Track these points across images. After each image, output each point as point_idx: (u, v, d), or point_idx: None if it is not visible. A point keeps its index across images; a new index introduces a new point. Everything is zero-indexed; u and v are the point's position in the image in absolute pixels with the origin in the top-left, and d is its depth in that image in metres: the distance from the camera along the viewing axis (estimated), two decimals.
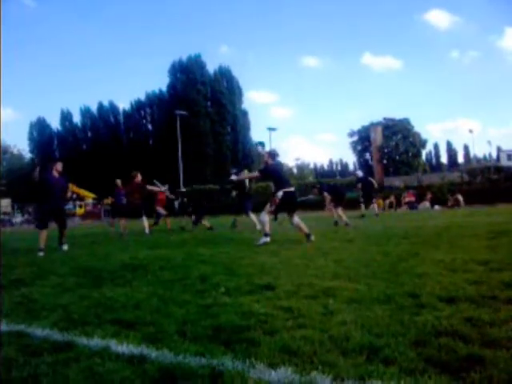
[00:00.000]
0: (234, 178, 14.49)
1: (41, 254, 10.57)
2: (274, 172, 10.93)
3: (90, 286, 5.95)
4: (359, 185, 21.69)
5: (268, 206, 10.83)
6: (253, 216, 16.45)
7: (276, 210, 11.10)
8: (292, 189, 10.82)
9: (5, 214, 63.04)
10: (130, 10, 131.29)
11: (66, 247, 11.45)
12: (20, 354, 3.35)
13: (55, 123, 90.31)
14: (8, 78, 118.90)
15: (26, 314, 4.56)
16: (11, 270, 8.11)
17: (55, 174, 11.56)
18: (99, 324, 4.00)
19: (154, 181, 19.85)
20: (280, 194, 10.44)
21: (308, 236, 10.12)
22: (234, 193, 18.22)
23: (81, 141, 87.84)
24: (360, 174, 22.92)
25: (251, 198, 17.77)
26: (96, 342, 3.49)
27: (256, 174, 12.46)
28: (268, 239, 10.28)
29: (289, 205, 10.67)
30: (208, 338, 3.47)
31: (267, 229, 10.50)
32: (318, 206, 29.45)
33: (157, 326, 3.82)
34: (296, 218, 10.51)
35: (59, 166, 11.70)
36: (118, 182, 19.38)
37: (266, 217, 10.73)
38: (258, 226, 15.90)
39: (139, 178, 17.09)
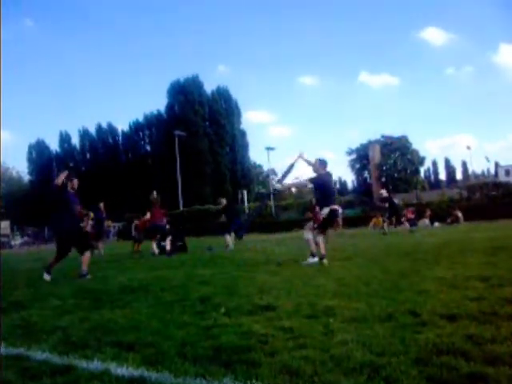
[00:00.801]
0: (278, 186, 14.23)
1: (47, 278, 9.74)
2: (324, 184, 9.98)
3: (90, 308, 5.92)
4: (386, 204, 21.86)
5: (310, 223, 10.08)
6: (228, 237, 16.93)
7: (321, 228, 9.85)
8: (337, 207, 10.00)
9: (4, 236, 62.98)
10: (128, 31, 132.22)
11: (89, 276, 9.78)
12: (19, 377, 3.32)
13: (54, 145, 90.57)
14: (6, 100, 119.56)
15: (25, 336, 4.53)
16: (10, 292, 8.08)
17: (70, 191, 10.30)
18: (99, 347, 3.97)
19: None
20: (326, 211, 9.63)
21: (322, 257, 9.35)
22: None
23: (79, 162, 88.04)
24: (384, 193, 23.10)
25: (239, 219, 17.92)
26: (96, 364, 3.46)
27: (304, 182, 10.61)
28: (316, 259, 9.52)
29: (330, 223, 10.10)
30: (208, 359, 3.44)
31: (313, 248, 9.74)
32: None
33: (157, 348, 3.80)
34: (322, 237, 9.67)
35: (75, 183, 10.44)
36: (101, 205, 19.49)
37: (309, 235, 9.92)
38: (230, 247, 16.23)
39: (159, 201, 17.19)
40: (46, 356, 3.80)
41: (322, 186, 9.94)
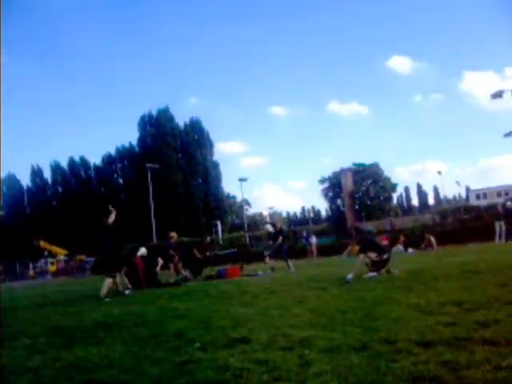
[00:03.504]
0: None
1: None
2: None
3: (62, 346, 5.80)
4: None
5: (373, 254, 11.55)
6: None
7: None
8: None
9: None
10: (99, 64, 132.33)
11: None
12: None
13: (25, 179, 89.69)
14: None
15: None
16: None
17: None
18: None
19: None
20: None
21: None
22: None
23: (51, 196, 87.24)
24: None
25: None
26: None
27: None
28: (374, 274, 11.23)
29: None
30: None
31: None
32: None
33: None
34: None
35: (113, 215, 12.44)
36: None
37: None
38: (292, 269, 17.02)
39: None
40: None
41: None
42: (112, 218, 12.66)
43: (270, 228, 20.98)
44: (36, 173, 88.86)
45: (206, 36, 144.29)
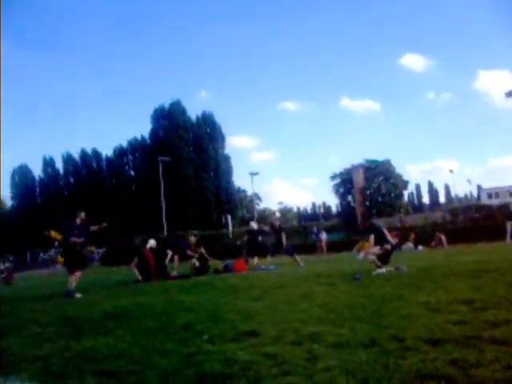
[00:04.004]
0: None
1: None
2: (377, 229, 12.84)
3: (71, 335, 5.83)
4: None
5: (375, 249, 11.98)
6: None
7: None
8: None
9: None
10: (112, 55, 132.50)
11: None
12: None
13: (37, 170, 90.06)
14: None
15: (4, 366, 4.45)
16: None
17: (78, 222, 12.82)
18: (80, 376, 3.91)
19: None
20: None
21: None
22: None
23: (63, 187, 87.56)
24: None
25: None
26: None
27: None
28: (382, 270, 11.28)
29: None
30: None
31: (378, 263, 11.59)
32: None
33: (139, 376, 3.75)
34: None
35: (82, 214, 13.07)
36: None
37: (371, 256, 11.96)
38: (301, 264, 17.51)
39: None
40: None
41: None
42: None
43: (253, 225, 20.90)
44: (48, 163, 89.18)
45: (219, 30, 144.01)
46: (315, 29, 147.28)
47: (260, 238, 19.95)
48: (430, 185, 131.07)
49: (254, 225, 21.32)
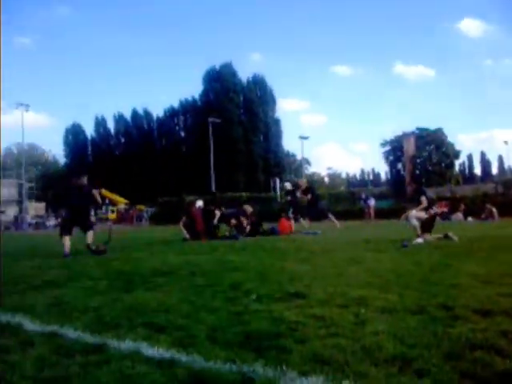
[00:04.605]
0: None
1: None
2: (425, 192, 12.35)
3: (122, 289, 5.97)
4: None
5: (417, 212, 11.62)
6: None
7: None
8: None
9: (39, 217, 64.09)
10: (165, 19, 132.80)
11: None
12: (53, 354, 3.37)
13: (90, 129, 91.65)
14: (46, 84, 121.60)
15: (59, 315, 4.60)
16: (45, 271, 8.25)
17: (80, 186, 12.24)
18: (130, 327, 4.00)
19: None
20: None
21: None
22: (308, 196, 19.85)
23: (114, 147, 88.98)
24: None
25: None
26: (127, 344, 3.49)
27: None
28: (420, 240, 11.08)
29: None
30: (239, 344, 3.44)
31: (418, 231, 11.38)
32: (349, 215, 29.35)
33: (187, 331, 3.81)
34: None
35: (84, 179, 12.35)
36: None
37: (415, 221, 11.48)
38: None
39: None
40: (79, 335, 3.86)
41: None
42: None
43: (288, 186, 20.95)
44: (100, 123, 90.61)
45: None
46: None
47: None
48: (483, 155, 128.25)
49: (289, 185, 21.39)
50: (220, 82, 78.95)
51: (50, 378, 2.93)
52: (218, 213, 17.68)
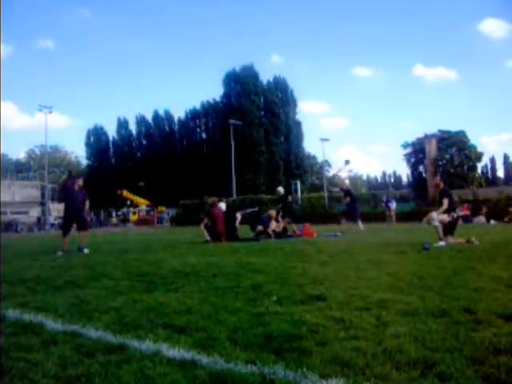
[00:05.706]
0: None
1: (60, 253, 12.10)
2: (450, 195, 11.94)
3: (143, 290, 6.01)
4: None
5: (439, 215, 11.42)
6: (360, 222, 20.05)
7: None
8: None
9: (59, 218, 64.69)
10: (186, 20, 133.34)
11: (86, 250, 12.50)
12: (75, 353, 3.41)
13: (112, 131, 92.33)
14: (68, 86, 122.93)
15: (80, 314, 4.64)
16: (65, 271, 8.33)
17: (76, 187, 13.11)
18: (151, 328, 4.02)
19: None
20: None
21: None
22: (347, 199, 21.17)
23: (135, 148, 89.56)
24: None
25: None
26: (148, 345, 3.51)
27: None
28: (443, 243, 10.97)
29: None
30: (259, 346, 3.44)
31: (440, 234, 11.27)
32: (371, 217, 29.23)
33: (208, 332, 3.82)
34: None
35: (80, 181, 13.35)
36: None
37: (437, 223, 11.34)
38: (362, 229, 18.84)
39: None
40: (100, 334, 3.88)
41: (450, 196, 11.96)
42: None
43: (281, 191, 20.87)
44: (122, 124, 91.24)
45: None
46: None
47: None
48: (506, 158, 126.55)
49: (281, 190, 21.30)
50: (241, 83, 79.06)
51: (71, 377, 2.96)
52: (238, 216, 17.68)
